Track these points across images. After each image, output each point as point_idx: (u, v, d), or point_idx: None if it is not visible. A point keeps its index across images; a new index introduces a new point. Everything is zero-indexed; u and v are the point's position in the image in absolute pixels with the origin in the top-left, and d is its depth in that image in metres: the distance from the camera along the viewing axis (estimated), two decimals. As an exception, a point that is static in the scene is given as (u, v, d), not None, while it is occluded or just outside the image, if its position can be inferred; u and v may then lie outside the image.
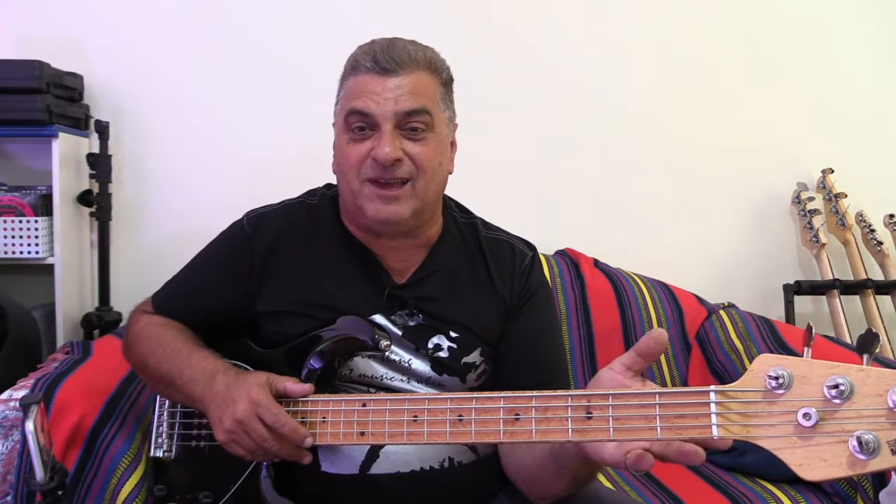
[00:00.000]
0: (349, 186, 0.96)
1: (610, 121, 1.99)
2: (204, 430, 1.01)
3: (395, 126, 0.92)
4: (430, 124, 0.94)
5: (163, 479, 1.06)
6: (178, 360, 0.98)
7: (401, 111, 0.91)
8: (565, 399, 0.70)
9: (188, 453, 1.02)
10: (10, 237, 1.68)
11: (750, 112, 2.03)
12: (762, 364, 0.63)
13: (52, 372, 1.17)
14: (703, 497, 1.32)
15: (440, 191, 1.00)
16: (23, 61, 1.67)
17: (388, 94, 0.91)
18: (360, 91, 0.93)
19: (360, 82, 0.94)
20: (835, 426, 0.59)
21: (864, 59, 2.05)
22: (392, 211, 0.94)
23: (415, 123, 0.93)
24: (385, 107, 0.91)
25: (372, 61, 0.93)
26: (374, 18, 1.89)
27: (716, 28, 2.01)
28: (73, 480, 1.07)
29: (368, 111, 0.92)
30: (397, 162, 0.92)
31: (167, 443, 1.04)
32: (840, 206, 1.96)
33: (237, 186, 1.89)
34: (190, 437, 1.03)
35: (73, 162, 1.79)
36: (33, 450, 0.74)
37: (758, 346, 1.61)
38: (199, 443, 1.02)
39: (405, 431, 0.77)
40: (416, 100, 0.92)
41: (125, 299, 1.87)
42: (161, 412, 1.05)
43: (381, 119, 0.92)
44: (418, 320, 1.00)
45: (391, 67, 0.92)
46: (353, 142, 0.94)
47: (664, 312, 1.79)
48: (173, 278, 1.10)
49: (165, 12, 1.89)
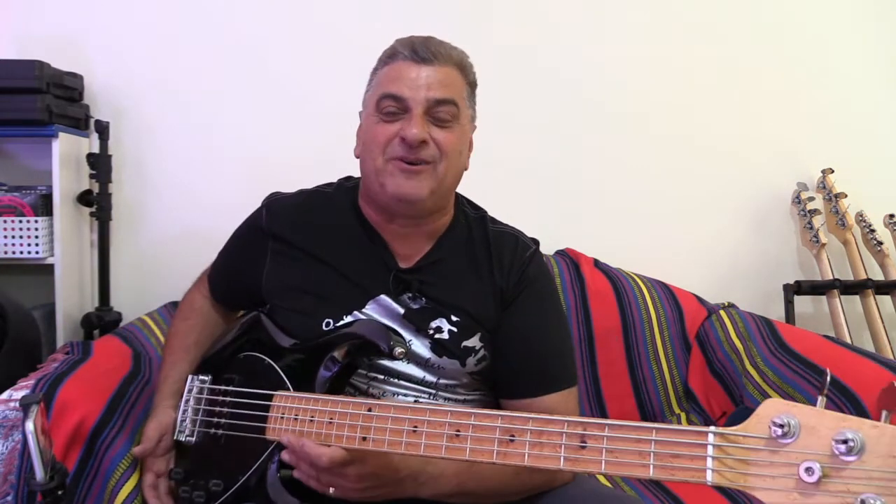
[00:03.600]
0: (373, 163, 1.01)
1: (610, 121, 1.99)
2: (224, 418, 1.03)
3: (424, 112, 0.98)
4: (456, 116, 1.01)
5: (181, 462, 1.09)
6: (164, 361, 1.20)
7: (432, 98, 0.98)
8: (562, 425, 0.68)
9: (206, 439, 1.05)
10: (10, 237, 1.68)
11: (750, 112, 2.03)
12: (769, 409, 0.59)
13: (52, 372, 1.17)
14: (703, 497, 1.32)
15: (456, 180, 1.05)
16: (23, 61, 1.67)
17: (421, 81, 0.98)
18: (395, 77, 1.00)
19: (397, 68, 1.00)
20: (839, 485, 0.54)
21: (864, 59, 2.05)
22: (412, 187, 0.99)
23: (442, 113, 0.99)
24: (418, 93, 0.98)
25: (410, 50, 1.00)
26: (375, 20, 1.89)
27: (715, 28, 2.01)
28: (73, 480, 1.07)
29: (402, 95, 0.98)
30: (423, 144, 0.97)
31: (190, 427, 1.07)
32: (840, 206, 1.96)
33: (237, 186, 1.89)
34: (210, 423, 1.05)
35: (73, 162, 1.79)
36: (33, 450, 0.74)
37: (758, 346, 1.61)
38: (217, 431, 1.03)
39: (404, 441, 0.78)
40: (446, 90, 0.99)
41: (125, 299, 1.87)
42: (188, 397, 1.09)
43: (412, 103, 0.98)
44: (421, 303, 1.04)
45: (427, 57, 0.99)
46: (382, 122, 1.00)
47: (664, 312, 1.79)
48: (218, 254, 1.24)
49: (166, 12, 1.89)
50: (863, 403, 1.29)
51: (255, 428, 0.96)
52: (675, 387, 1.76)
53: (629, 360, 1.76)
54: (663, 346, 1.78)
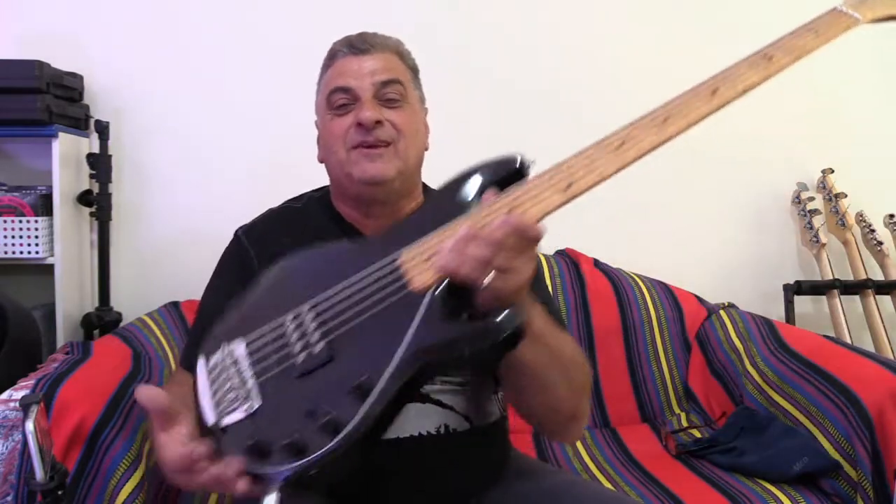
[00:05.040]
0: (337, 158, 1.03)
1: (610, 120, 1.98)
2: (329, 329, 0.83)
3: (373, 96, 1.02)
4: (404, 95, 1.04)
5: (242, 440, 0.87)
6: None
7: (377, 81, 1.02)
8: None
9: (286, 382, 0.86)
10: (10, 237, 1.68)
11: (750, 112, 2.02)
12: None
13: (52, 372, 1.17)
14: (703, 497, 1.32)
15: (419, 160, 1.08)
16: (23, 61, 1.67)
17: (364, 69, 1.03)
18: (339, 72, 1.04)
19: (339, 65, 1.05)
20: None
21: (864, 59, 2.05)
22: (377, 168, 1.01)
23: (391, 94, 1.03)
24: (363, 80, 1.02)
25: (348, 46, 1.05)
26: (375, 19, 1.89)
27: (715, 28, 2.01)
28: (73, 481, 1.07)
29: (349, 86, 1.02)
30: (378, 124, 1.00)
31: (248, 392, 0.99)
32: (840, 206, 1.96)
33: (237, 186, 1.89)
34: (286, 361, 0.90)
35: (73, 162, 1.79)
36: (33, 450, 0.74)
37: (758, 346, 1.61)
38: (308, 356, 0.87)
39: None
40: (390, 73, 1.04)
41: (125, 299, 1.87)
42: (224, 372, 1.01)
43: (360, 91, 1.02)
44: None
45: (366, 48, 1.04)
46: (336, 117, 1.04)
47: (664, 312, 1.79)
48: (189, 330, 1.15)
49: (166, 12, 1.89)
50: (863, 403, 1.29)
51: (394, 290, 0.78)
52: (675, 387, 1.76)
53: (629, 360, 1.76)
54: (663, 346, 1.78)
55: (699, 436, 1.60)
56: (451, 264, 0.73)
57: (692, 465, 1.48)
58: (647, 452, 1.55)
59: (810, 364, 1.45)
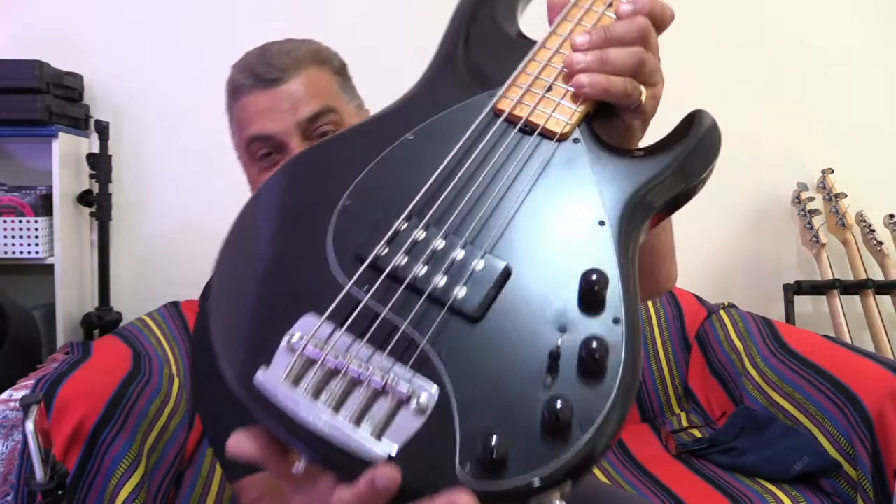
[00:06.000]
0: None
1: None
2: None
3: (302, 138, 0.81)
4: (340, 122, 0.83)
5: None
6: None
7: (303, 119, 0.80)
8: None
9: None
10: (10, 237, 1.68)
11: (750, 112, 2.03)
12: None
13: (52, 372, 1.17)
14: (703, 497, 1.32)
15: None
16: (23, 61, 1.67)
17: (281, 105, 0.80)
18: (251, 115, 0.82)
19: (247, 104, 0.83)
20: None
21: (864, 58, 2.05)
22: None
23: (323, 127, 0.82)
24: (284, 121, 0.80)
25: (251, 77, 0.82)
26: (376, 17, 1.90)
27: (715, 28, 2.01)
28: (73, 481, 1.07)
29: (267, 133, 0.81)
30: None
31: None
32: (840, 206, 1.96)
33: (237, 186, 1.87)
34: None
35: (73, 162, 1.79)
36: (33, 450, 0.74)
37: (758, 346, 1.61)
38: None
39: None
40: (315, 101, 0.81)
41: (125, 299, 1.87)
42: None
43: (284, 136, 0.81)
44: None
45: (274, 77, 0.81)
46: (264, 171, 0.85)
47: (664, 312, 1.79)
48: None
49: (166, 12, 1.89)
50: (863, 403, 1.29)
51: (529, 151, 0.52)
52: (675, 387, 1.76)
53: (629, 359, 1.76)
54: (663, 346, 1.78)
55: (699, 435, 1.60)
56: (601, 82, 0.53)
57: (692, 464, 1.48)
58: (647, 452, 1.55)
59: (810, 364, 1.45)
